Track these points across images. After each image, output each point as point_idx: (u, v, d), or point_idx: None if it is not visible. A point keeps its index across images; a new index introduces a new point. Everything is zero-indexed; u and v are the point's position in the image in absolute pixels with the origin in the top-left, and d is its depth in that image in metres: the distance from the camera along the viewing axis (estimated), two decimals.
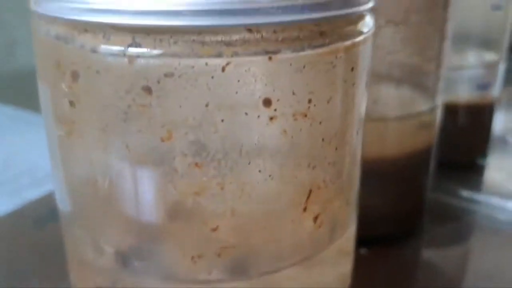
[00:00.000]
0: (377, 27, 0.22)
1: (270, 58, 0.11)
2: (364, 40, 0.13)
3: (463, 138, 0.34)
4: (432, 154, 0.27)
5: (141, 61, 0.10)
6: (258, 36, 0.11)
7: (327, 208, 0.13)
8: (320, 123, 0.12)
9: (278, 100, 0.11)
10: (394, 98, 0.23)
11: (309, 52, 0.11)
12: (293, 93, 0.11)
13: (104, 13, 0.10)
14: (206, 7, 0.10)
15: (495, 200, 0.30)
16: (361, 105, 0.14)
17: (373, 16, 0.14)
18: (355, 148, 0.14)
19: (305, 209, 0.13)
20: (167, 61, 0.10)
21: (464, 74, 0.32)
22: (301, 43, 0.11)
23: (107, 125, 0.11)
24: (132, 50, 0.10)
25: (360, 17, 0.12)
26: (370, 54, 0.14)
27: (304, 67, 0.11)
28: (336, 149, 0.13)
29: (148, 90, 0.11)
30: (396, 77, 0.23)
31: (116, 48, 0.10)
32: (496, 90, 0.34)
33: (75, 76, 0.11)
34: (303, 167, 0.12)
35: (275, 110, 0.11)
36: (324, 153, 0.12)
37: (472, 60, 0.32)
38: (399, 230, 0.26)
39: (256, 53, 0.11)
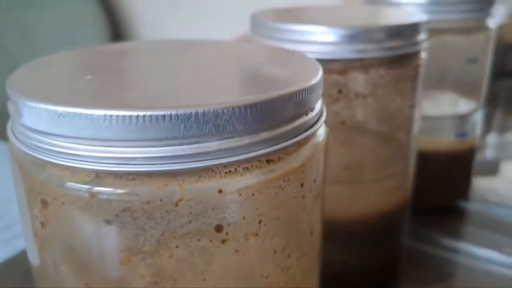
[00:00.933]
0: (346, 100, 0.23)
1: (220, 191, 0.12)
2: (314, 157, 0.14)
3: (443, 183, 0.35)
4: (407, 210, 0.28)
5: (102, 197, 0.11)
6: (209, 173, 0.12)
7: None
8: (272, 238, 0.13)
9: (229, 225, 0.12)
10: (365, 163, 0.24)
11: (257, 181, 0.12)
12: (244, 218, 0.12)
13: (67, 157, 0.11)
14: (159, 154, 0.11)
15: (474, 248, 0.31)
16: (314, 210, 0.15)
17: (326, 127, 0.15)
18: (312, 248, 0.15)
19: None
20: (125, 198, 0.11)
21: (443, 123, 0.33)
22: (250, 173, 0.12)
23: (73, 247, 0.12)
24: (94, 187, 0.11)
25: (308, 138, 0.13)
26: (322, 164, 0.15)
27: (253, 195, 0.12)
28: (289, 256, 0.14)
29: (108, 222, 0.12)
30: (367, 144, 0.24)
31: (79, 185, 0.12)
32: (475, 137, 0.35)
33: (44, 203, 0.12)
34: (256, 277, 0.13)
35: (226, 233, 0.12)
36: (276, 262, 0.14)
37: (450, 110, 0.33)
38: (372, 283, 0.27)
39: (207, 188, 0.12)
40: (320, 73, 0.14)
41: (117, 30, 1.50)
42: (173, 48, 0.17)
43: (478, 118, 0.34)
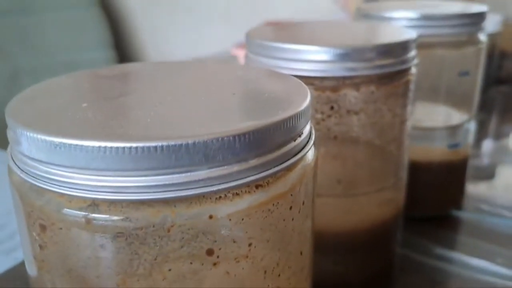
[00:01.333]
0: (338, 116, 0.23)
1: (210, 217, 0.12)
2: (302, 179, 0.14)
3: (437, 193, 0.35)
4: (400, 220, 0.28)
5: (97, 223, 0.12)
6: (200, 199, 0.12)
7: None
8: (262, 259, 0.14)
9: (220, 249, 0.13)
10: (357, 177, 0.25)
11: (246, 205, 0.13)
12: (234, 241, 0.13)
13: (64, 184, 0.12)
14: (151, 183, 0.12)
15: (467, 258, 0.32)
16: (303, 230, 0.15)
17: (314, 149, 0.15)
18: (302, 266, 0.16)
19: None
20: (120, 224, 0.12)
21: (436, 134, 0.34)
22: (239, 198, 0.13)
23: (70, 270, 0.13)
24: (89, 214, 0.12)
25: (297, 163, 0.14)
26: (311, 185, 0.15)
27: (242, 219, 0.13)
28: (279, 275, 0.14)
29: (103, 246, 0.12)
30: (359, 158, 0.24)
31: (75, 212, 0.12)
32: (468, 147, 0.35)
33: (42, 228, 0.13)
34: None
35: (217, 257, 0.13)
36: (267, 282, 0.14)
37: (443, 121, 0.33)
38: None
39: (197, 215, 0.12)
40: (308, 98, 0.15)
41: (117, 35, 1.50)
42: (167, 72, 0.17)
43: (471, 128, 0.35)
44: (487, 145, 0.57)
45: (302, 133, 0.14)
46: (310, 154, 0.15)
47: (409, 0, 0.39)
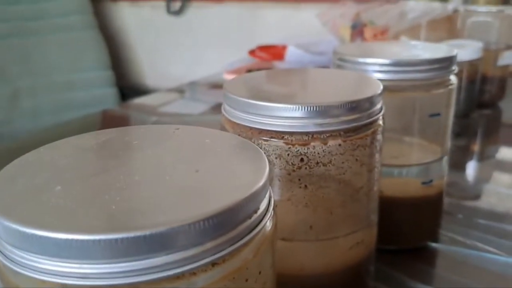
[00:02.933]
0: (308, 167, 0.24)
1: None
2: (259, 251, 0.15)
3: (413, 226, 0.37)
4: (372, 257, 0.30)
5: None
6: (160, 282, 0.13)
7: None
8: None
9: None
10: (328, 223, 0.26)
11: (203, 284, 0.14)
12: None
13: (37, 269, 0.13)
14: (114, 270, 0.13)
15: None
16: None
17: (273, 215, 0.17)
18: None
19: None
20: None
21: (409, 171, 0.35)
22: (196, 277, 0.14)
23: None
24: None
25: (253, 238, 0.15)
26: (270, 252, 0.16)
27: None
28: None
29: None
30: (329, 205, 0.26)
31: None
32: (442, 182, 0.37)
33: None
34: None
35: None
36: None
37: (416, 159, 0.35)
38: None
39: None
40: (266, 173, 0.16)
41: (114, 56, 1.52)
42: (140, 143, 0.19)
43: (444, 165, 0.36)
44: (472, 164, 0.58)
45: (258, 208, 0.16)
46: (267, 225, 0.16)
47: (384, 43, 0.41)
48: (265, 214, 0.16)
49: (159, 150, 0.18)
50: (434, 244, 0.38)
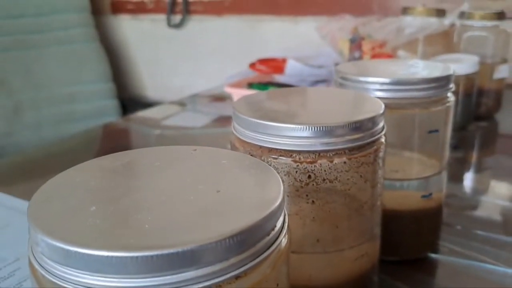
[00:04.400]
0: (315, 183, 0.26)
1: None
2: (276, 265, 0.17)
3: (413, 238, 0.38)
4: (376, 267, 0.31)
5: None
6: None
7: None
8: None
9: None
10: (335, 236, 0.28)
11: None
12: None
13: (78, 283, 0.15)
14: (150, 283, 0.14)
15: None
16: None
17: (287, 233, 0.18)
18: None
19: None
20: None
21: (409, 185, 0.37)
22: None
23: None
24: None
25: (271, 253, 0.17)
26: (285, 266, 0.18)
27: None
28: None
29: None
30: (335, 220, 0.27)
31: None
32: (441, 195, 0.38)
33: None
34: None
35: None
36: None
37: (416, 173, 0.36)
38: None
39: None
40: (281, 194, 0.18)
41: (115, 69, 1.54)
42: (161, 164, 0.20)
43: (443, 178, 0.38)
44: (469, 175, 0.60)
45: (275, 226, 0.17)
46: (283, 241, 0.18)
47: (384, 61, 0.42)
48: (281, 231, 0.17)
49: (179, 170, 0.20)
50: (434, 255, 0.39)
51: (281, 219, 0.18)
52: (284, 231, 0.18)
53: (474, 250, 0.40)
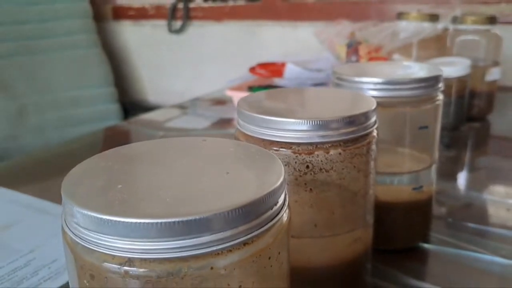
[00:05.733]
0: (313, 173, 0.28)
1: (211, 268, 0.17)
2: (278, 236, 0.19)
3: (405, 228, 0.41)
4: (369, 253, 0.33)
5: (132, 274, 0.17)
6: (204, 256, 0.17)
7: None
8: None
9: None
10: (330, 222, 0.30)
11: (237, 259, 0.18)
12: (228, 284, 0.18)
13: (109, 247, 0.17)
14: (170, 246, 0.17)
15: None
16: (280, 273, 0.20)
17: (288, 211, 0.21)
18: None
19: None
20: (148, 274, 0.17)
21: (401, 178, 0.39)
22: (232, 254, 0.18)
23: None
24: (126, 267, 0.17)
25: (274, 224, 0.19)
26: (286, 239, 0.20)
27: (234, 269, 0.18)
28: None
29: None
30: (331, 206, 0.30)
31: (116, 266, 0.17)
32: (431, 188, 0.41)
33: (92, 276, 0.18)
34: None
35: None
36: None
37: (407, 167, 0.39)
38: None
39: (202, 267, 0.17)
40: (282, 176, 0.20)
41: (117, 73, 1.57)
42: (174, 151, 0.23)
43: (432, 172, 0.40)
44: (462, 175, 0.62)
45: (277, 202, 0.20)
46: (284, 216, 0.20)
47: (378, 63, 0.45)
48: (282, 207, 0.20)
49: (192, 157, 0.22)
50: (425, 245, 0.42)
51: (282, 196, 0.20)
52: (285, 208, 0.20)
53: (463, 240, 0.42)
